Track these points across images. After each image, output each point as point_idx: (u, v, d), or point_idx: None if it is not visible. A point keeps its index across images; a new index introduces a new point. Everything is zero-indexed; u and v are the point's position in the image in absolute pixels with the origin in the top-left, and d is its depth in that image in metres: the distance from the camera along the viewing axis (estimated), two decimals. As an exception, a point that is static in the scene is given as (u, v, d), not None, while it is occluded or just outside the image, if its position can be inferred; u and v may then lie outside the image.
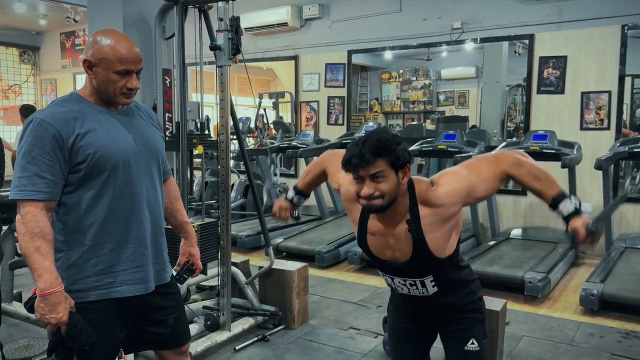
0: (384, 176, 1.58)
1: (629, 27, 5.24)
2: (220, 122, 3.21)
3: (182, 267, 2.07)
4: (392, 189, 1.59)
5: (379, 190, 1.58)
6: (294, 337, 3.45)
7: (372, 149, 1.56)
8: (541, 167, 1.67)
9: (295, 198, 2.19)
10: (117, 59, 1.65)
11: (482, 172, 1.70)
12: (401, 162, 1.59)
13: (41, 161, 1.59)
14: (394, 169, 1.59)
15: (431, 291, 1.78)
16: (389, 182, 1.58)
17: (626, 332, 3.54)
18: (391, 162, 1.57)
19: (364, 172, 1.58)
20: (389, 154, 1.57)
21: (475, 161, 1.76)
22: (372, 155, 1.55)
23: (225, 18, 3.07)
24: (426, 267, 1.73)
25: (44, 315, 1.59)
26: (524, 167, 1.66)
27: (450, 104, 9.84)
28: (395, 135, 1.63)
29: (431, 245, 1.68)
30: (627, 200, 5.49)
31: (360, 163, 1.57)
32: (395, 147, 1.58)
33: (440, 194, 1.67)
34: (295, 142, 6.47)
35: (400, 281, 1.80)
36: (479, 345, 1.82)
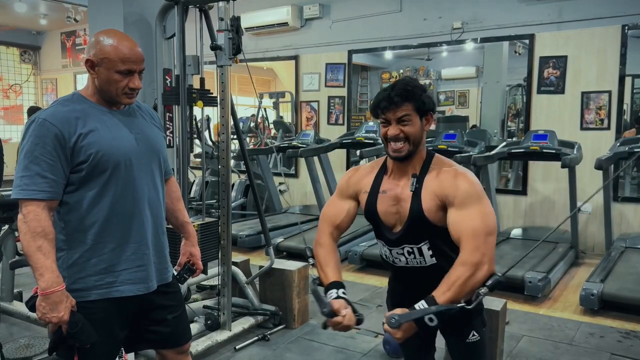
0: (409, 119, 1.70)
1: (629, 27, 5.24)
2: (220, 121, 3.21)
3: (182, 267, 2.07)
4: (416, 132, 1.71)
5: (403, 133, 1.70)
6: (294, 336, 3.45)
7: (399, 93, 1.68)
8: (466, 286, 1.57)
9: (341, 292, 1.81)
10: (119, 59, 1.66)
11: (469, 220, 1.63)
12: (426, 108, 1.71)
13: (43, 161, 1.60)
14: (418, 113, 1.70)
15: (429, 262, 1.78)
16: (414, 125, 1.70)
17: (626, 331, 3.55)
18: (417, 107, 1.69)
19: (392, 114, 1.70)
20: (415, 99, 1.69)
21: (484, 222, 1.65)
22: (400, 99, 1.68)
23: (226, 18, 3.08)
24: (422, 231, 1.75)
25: (45, 314, 1.59)
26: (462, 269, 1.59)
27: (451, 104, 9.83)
28: (421, 84, 1.76)
29: (425, 208, 1.72)
30: (627, 200, 5.50)
31: (388, 106, 1.69)
32: (421, 93, 1.70)
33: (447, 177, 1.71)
34: (295, 142, 6.47)
35: (398, 250, 1.82)
36: (480, 335, 1.85)
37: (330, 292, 1.80)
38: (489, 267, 1.61)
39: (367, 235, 5.54)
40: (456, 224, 1.67)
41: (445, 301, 1.57)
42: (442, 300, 1.57)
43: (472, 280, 1.59)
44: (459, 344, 1.87)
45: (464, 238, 1.64)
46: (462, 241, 1.64)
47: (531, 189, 5.87)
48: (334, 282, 1.83)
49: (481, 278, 1.60)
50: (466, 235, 1.63)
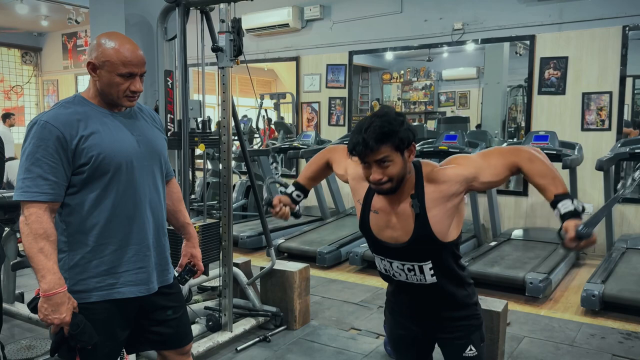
0: (390, 160, 1.59)
1: (630, 27, 5.24)
2: (221, 122, 3.22)
3: (183, 268, 2.08)
4: (400, 170, 1.62)
5: (386, 175, 1.61)
6: (296, 337, 3.45)
7: (375, 137, 1.56)
8: (552, 167, 1.66)
9: (296, 193, 2.04)
10: (120, 62, 1.67)
11: (493, 159, 1.70)
12: (406, 144, 1.60)
13: (45, 163, 1.60)
14: (399, 151, 1.60)
15: (429, 280, 1.74)
16: (396, 165, 1.60)
17: (627, 333, 3.54)
18: (396, 146, 1.58)
19: (370, 158, 1.60)
20: (392, 139, 1.57)
21: (491, 150, 1.76)
22: (376, 143, 1.56)
23: (227, 19, 3.08)
24: (426, 250, 1.71)
25: (47, 316, 1.60)
26: (535, 163, 1.64)
27: (451, 105, 9.85)
28: (397, 115, 1.62)
29: (432, 222, 1.67)
30: (627, 200, 5.50)
31: (365, 151, 1.58)
32: (398, 129, 1.58)
33: (446, 172, 1.69)
34: (296, 143, 6.47)
35: (398, 265, 1.77)
36: (477, 351, 1.82)
37: (289, 188, 2.07)
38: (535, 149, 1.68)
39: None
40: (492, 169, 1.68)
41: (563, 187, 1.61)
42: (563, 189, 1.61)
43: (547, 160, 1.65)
44: (456, 357, 1.84)
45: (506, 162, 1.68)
46: (508, 164, 1.67)
47: (532, 189, 5.87)
48: (297, 182, 2.08)
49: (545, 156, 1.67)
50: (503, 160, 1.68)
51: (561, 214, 1.58)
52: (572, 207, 1.57)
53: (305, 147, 6.17)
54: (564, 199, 1.59)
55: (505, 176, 1.70)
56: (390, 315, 1.97)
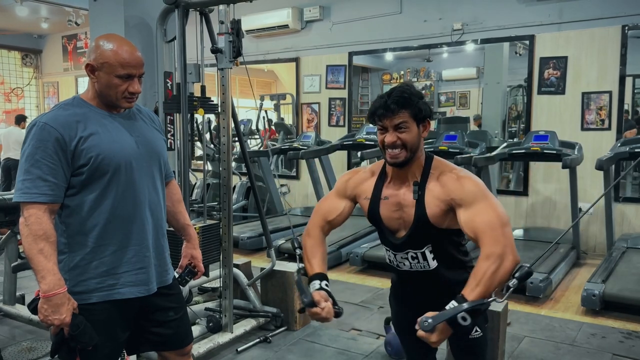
0: (406, 127, 1.69)
1: (630, 27, 5.24)
2: (221, 124, 3.22)
3: (184, 269, 2.08)
4: (413, 139, 1.70)
5: (400, 140, 1.69)
6: (296, 338, 3.46)
7: (396, 100, 1.67)
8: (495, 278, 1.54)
9: (324, 283, 1.78)
10: (119, 64, 1.67)
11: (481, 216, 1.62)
12: (423, 115, 1.70)
13: (44, 164, 1.61)
14: (415, 120, 1.70)
15: (432, 265, 1.79)
16: (410, 132, 1.69)
17: (628, 332, 3.54)
18: (413, 114, 1.68)
19: (389, 122, 1.69)
20: (412, 106, 1.68)
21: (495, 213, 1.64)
22: (397, 106, 1.67)
23: (226, 21, 3.09)
24: (426, 235, 1.76)
25: (47, 317, 1.60)
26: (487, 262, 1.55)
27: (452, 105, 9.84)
28: (418, 91, 1.74)
29: (429, 212, 1.73)
30: (627, 200, 5.50)
31: (385, 113, 1.68)
32: (417, 100, 1.69)
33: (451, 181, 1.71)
34: (296, 144, 6.47)
35: (402, 255, 1.82)
36: (482, 331, 1.86)
37: (314, 282, 1.79)
38: (514, 257, 1.57)
39: (369, 237, 5.55)
40: (470, 222, 1.64)
41: (475, 297, 1.52)
42: (473, 297, 1.52)
43: (499, 272, 1.55)
44: (461, 340, 1.87)
45: (481, 233, 1.61)
46: (480, 236, 1.61)
47: (532, 189, 5.87)
48: (318, 273, 1.82)
49: (508, 269, 1.56)
50: (483, 230, 1.61)
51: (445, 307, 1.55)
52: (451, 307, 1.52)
53: (305, 148, 6.17)
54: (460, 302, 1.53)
55: (468, 234, 1.67)
56: (395, 300, 2.02)
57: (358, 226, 5.84)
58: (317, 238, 1.89)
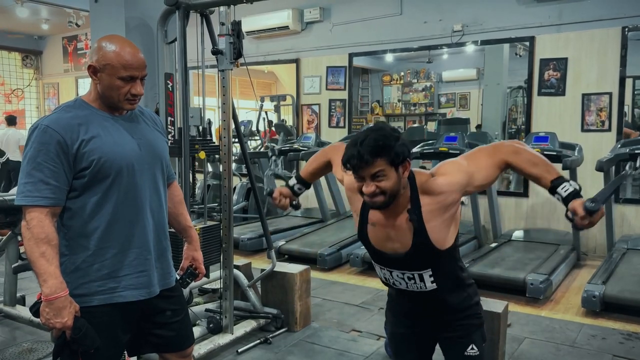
0: (384, 175, 1.58)
1: (630, 28, 5.25)
2: (222, 125, 3.22)
3: (185, 271, 2.08)
4: (394, 185, 1.61)
5: (379, 188, 1.60)
6: (296, 339, 3.46)
7: (370, 150, 1.55)
8: (538, 154, 1.69)
9: (297, 186, 2.15)
10: (121, 65, 1.67)
11: (481, 161, 1.72)
12: (400, 159, 1.59)
13: (46, 167, 1.60)
14: (393, 166, 1.59)
15: (429, 287, 1.76)
16: (389, 179, 1.59)
17: (628, 333, 3.54)
18: (390, 161, 1.58)
19: (364, 172, 1.59)
20: (387, 153, 1.57)
21: (475, 151, 1.78)
22: (371, 156, 1.56)
23: (227, 22, 3.09)
24: (426, 259, 1.73)
25: (49, 320, 1.60)
26: (521, 154, 1.67)
27: (452, 106, 9.84)
28: (392, 130, 1.63)
29: (431, 233, 1.68)
30: (628, 201, 5.50)
31: (359, 164, 1.57)
32: (393, 144, 1.58)
33: (440, 182, 1.69)
34: (296, 145, 6.48)
35: (398, 274, 1.78)
36: (479, 350, 1.83)
37: (291, 179, 2.18)
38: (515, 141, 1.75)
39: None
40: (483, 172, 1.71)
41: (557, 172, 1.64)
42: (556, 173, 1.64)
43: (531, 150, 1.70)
44: (457, 356, 1.84)
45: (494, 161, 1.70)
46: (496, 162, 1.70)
47: (532, 190, 5.87)
48: (299, 176, 2.17)
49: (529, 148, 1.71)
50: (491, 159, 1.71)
51: (563, 197, 1.59)
52: (571, 188, 1.59)
53: (306, 149, 6.17)
54: (561, 182, 1.60)
55: (496, 175, 1.73)
56: (391, 314, 2.00)
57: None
58: (322, 162, 2.15)
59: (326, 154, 2.15)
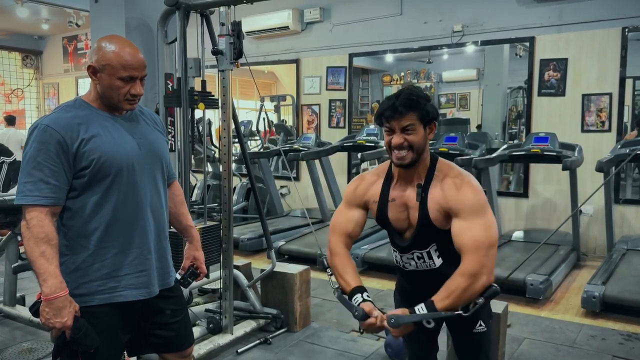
0: (413, 129, 1.72)
1: (630, 29, 5.25)
2: (222, 125, 3.22)
3: (186, 271, 2.08)
4: (420, 141, 1.74)
5: (407, 141, 1.72)
6: (296, 339, 3.46)
7: (404, 103, 1.70)
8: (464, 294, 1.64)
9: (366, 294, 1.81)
10: (121, 66, 1.67)
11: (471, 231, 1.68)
12: (430, 117, 1.74)
13: (46, 166, 1.61)
14: (422, 123, 1.73)
15: (437, 263, 1.84)
16: (417, 134, 1.73)
17: (628, 334, 3.54)
18: (421, 117, 1.72)
19: (396, 123, 1.72)
20: (419, 109, 1.71)
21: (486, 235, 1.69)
22: (405, 108, 1.70)
23: (227, 23, 3.09)
24: (430, 235, 1.80)
25: (48, 320, 1.60)
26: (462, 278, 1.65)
27: (452, 107, 9.84)
28: (425, 93, 1.77)
29: (432, 216, 1.77)
30: (628, 202, 5.50)
31: (392, 115, 1.72)
32: (425, 103, 1.73)
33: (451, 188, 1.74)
34: (297, 145, 6.48)
35: (408, 256, 1.87)
36: (486, 326, 1.89)
37: (356, 296, 1.81)
38: (487, 278, 1.68)
39: (369, 238, 5.54)
40: (460, 234, 1.71)
41: (443, 307, 1.64)
42: (441, 307, 1.64)
43: (470, 290, 1.65)
44: (465, 334, 1.90)
45: (465, 249, 1.69)
46: (464, 252, 1.69)
47: (532, 191, 5.87)
48: (357, 287, 1.84)
49: (479, 288, 1.66)
50: (468, 247, 1.68)
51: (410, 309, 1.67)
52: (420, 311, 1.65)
53: (306, 150, 6.17)
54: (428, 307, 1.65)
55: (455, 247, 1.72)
56: (400, 295, 2.05)
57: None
58: (343, 254, 1.91)
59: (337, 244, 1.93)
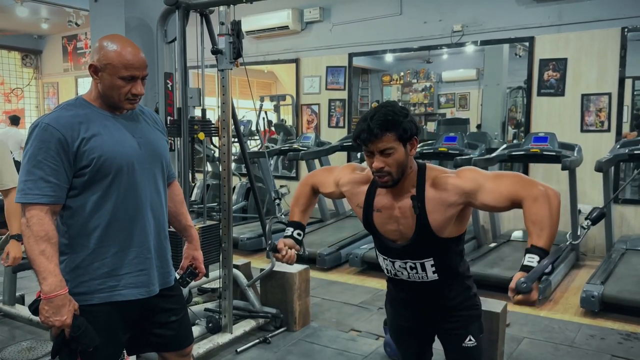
0: (392, 150, 1.63)
1: (629, 29, 5.25)
2: (221, 124, 3.23)
3: (185, 270, 2.08)
4: (401, 161, 1.66)
5: (387, 165, 1.64)
6: (296, 339, 3.46)
7: (379, 124, 1.61)
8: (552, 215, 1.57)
9: (296, 232, 1.98)
10: (122, 65, 1.67)
11: (502, 184, 1.64)
12: (408, 135, 1.64)
13: (46, 165, 1.61)
14: (401, 141, 1.64)
15: (430, 277, 1.79)
16: (397, 154, 1.64)
17: (627, 333, 3.55)
18: (398, 136, 1.63)
19: (373, 146, 1.64)
20: (396, 128, 1.62)
21: (508, 174, 1.69)
22: (380, 130, 1.61)
23: (227, 22, 3.10)
24: (428, 247, 1.75)
25: (48, 318, 1.60)
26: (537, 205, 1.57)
27: (451, 106, 9.85)
28: (402, 108, 1.67)
29: (433, 224, 1.71)
30: (627, 202, 5.50)
31: (369, 138, 1.63)
32: (402, 120, 1.63)
33: (449, 182, 1.70)
34: (296, 145, 6.48)
35: (401, 264, 1.81)
36: (476, 341, 1.86)
37: (288, 229, 1.99)
38: (553, 191, 1.59)
39: (368, 238, 5.53)
40: (498, 195, 1.63)
41: (546, 242, 1.54)
42: (544, 243, 1.54)
43: (552, 208, 1.57)
44: (455, 347, 1.87)
45: (513, 192, 1.61)
46: (515, 195, 1.60)
47: (532, 191, 5.86)
48: (294, 221, 2.01)
49: (556, 202, 1.58)
50: (513, 189, 1.61)
51: (522, 263, 1.56)
52: (533, 263, 1.53)
53: (305, 149, 6.17)
54: (535, 252, 1.55)
55: (504, 206, 1.66)
56: (391, 306, 2.02)
57: (357, 227, 5.84)
58: (306, 192, 2.04)
59: (307, 184, 2.06)
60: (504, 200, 1.63)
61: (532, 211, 1.57)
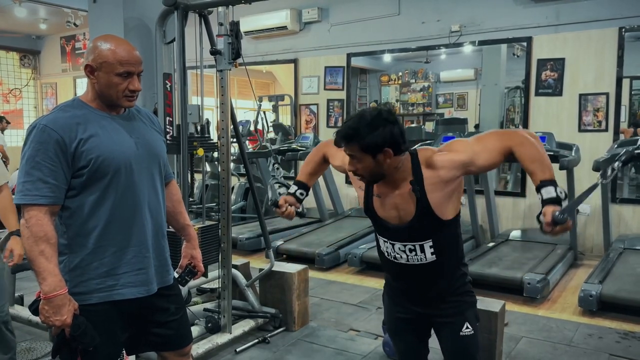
0: (357, 158, 1.69)
1: (627, 29, 5.27)
2: (220, 125, 3.23)
3: (184, 269, 2.09)
4: (369, 169, 1.70)
5: (358, 169, 1.72)
6: (295, 339, 3.47)
7: (343, 135, 1.68)
8: (543, 151, 1.68)
9: (299, 191, 2.13)
10: (117, 62, 1.68)
11: (488, 143, 1.74)
12: (372, 149, 1.65)
13: (44, 166, 1.61)
14: (367, 153, 1.66)
15: (429, 259, 1.81)
16: (363, 163, 1.69)
17: (624, 332, 3.56)
18: (362, 148, 1.66)
19: (345, 151, 1.73)
20: (358, 141, 1.65)
21: (487, 133, 1.80)
22: (342, 140, 1.69)
23: (225, 23, 3.10)
24: (428, 229, 1.78)
25: (48, 318, 1.61)
26: (526, 147, 1.67)
27: (450, 106, 9.86)
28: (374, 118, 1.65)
29: (433, 204, 1.75)
30: (624, 201, 5.52)
31: (337, 143, 1.73)
32: (366, 134, 1.63)
33: (443, 158, 1.74)
34: (295, 145, 6.49)
35: (400, 247, 1.84)
36: (473, 330, 1.87)
37: (292, 186, 2.14)
38: (529, 132, 1.71)
39: (367, 238, 5.56)
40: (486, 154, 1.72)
41: (550, 173, 1.64)
42: (550, 175, 1.63)
43: (539, 145, 1.67)
44: (452, 336, 1.89)
45: (499, 146, 1.70)
46: (502, 148, 1.70)
47: (530, 190, 5.88)
48: (299, 181, 2.15)
49: (538, 140, 1.69)
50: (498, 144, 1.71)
51: (543, 199, 1.61)
52: (554, 193, 1.60)
53: (304, 149, 6.18)
54: (548, 185, 1.62)
55: (499, 160, 1.75)
56: (389, 298, 2.05)
57: (356, 227, 5.86)
58: (318, 159, 2.16)
59: (320, 150, 2.18)
60: (497, 155, 1.72)
61: (526, 153, 1.66)
